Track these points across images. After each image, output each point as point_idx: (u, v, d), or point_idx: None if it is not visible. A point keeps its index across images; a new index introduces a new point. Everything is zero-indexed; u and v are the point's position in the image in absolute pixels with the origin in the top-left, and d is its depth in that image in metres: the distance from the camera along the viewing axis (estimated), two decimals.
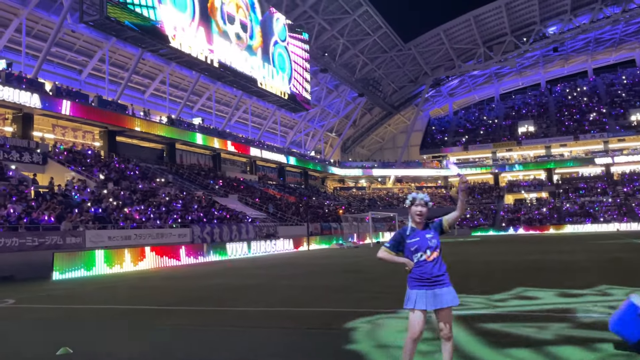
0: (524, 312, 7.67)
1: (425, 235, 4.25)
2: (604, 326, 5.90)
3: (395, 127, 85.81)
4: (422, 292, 4.19)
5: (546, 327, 6.45)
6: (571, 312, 7.49)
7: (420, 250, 4.23)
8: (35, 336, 7.48)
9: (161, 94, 47.07)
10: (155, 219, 26.57)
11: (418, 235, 4.27)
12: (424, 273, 4.21)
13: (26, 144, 29.02)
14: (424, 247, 4.22)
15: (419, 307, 4.17)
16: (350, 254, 27.95)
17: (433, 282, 4.19)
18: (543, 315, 7.35)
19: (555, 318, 7.09)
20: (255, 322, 7.86)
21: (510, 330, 6.44)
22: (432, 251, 4.22)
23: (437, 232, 4.32)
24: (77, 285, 15.20)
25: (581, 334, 6.04)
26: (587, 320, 6.87)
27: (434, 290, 4.18)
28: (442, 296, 4.16)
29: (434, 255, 4.22)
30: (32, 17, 34.10)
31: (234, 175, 48.70)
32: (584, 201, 63.24)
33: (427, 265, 4.22)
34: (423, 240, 4.23)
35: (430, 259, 4.22)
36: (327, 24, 53.44)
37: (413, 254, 4.26)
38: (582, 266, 14.80)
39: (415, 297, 4.21)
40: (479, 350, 5.50)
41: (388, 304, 8.73)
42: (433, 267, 4.21)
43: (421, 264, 4.23)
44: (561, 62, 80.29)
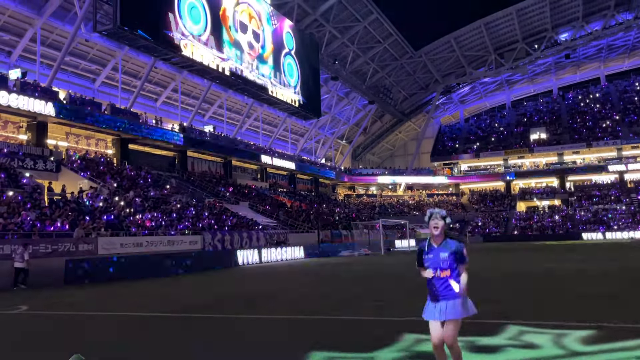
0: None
1: (439, 254, 4.63)
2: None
3: (405, 134, 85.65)
4: (432, 305, 4.66)
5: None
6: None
7: (431, 267, 4.65)
8: (47, 343, 7.53)
9: (173, 102, 47.46)
10: (166, 226, 26.72)
11: (433, 252, 4.67)
12: (432, 287, 4.67)
13: (40, 151, 29.39)
14: (435, 265, 4.63)
15: (426, 317, 4.67)
16: (363, 261, 27.85)
17: (439, 296, 4.61)
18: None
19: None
20: (266, 331, 7.85)
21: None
22: (441, 270, 4.61)
23: (453, 258, 4.62)
24: (89, 292, 15.30)
25: None
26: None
27: (440, 303, 4.60)
28: (446, 309, 4.55)
29: (442, 275, 4.61)
30: (46, 27, 34.63)
31: (244, 182, 48.87)
32: (597, 209, 62.56)
33: (437, 281, 4.63)
34: (436, 259, 4.63)
35: (441, 276, 4.61)
36: (338, 32, 53.62)
37: (427, 268, 4.73)
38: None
39: (426, 307, 4.72)
40: None
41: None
42: (441, 284, 4.61)
43: (431, 279, 4.69)
44: (573, 68, 79.75)
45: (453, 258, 4.59)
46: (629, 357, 5.29)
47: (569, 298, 10.11)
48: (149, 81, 43.15)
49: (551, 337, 6.22)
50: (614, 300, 9.64)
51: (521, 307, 9.15)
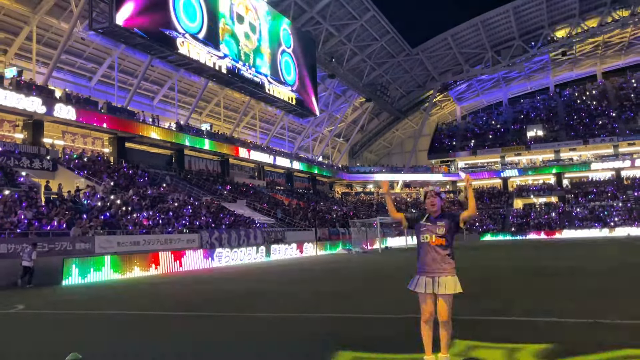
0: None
1: (437, 222, 4.62)
2: None
3: (403, 132, 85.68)
4: (422, 279, 4.60)
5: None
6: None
7: (426, 233, 4.61)
8: (44, 342, 7.51)
9: (170, 100, 47.35)
10: (164, 225, 26.68)
11: (431, 220, 4.67)
12: (425, 259, 4.60)
13: (36, 150, 29.28)
14: (431, 231, 4.60)
15: (418, 290, 4.59)
16: (361, 260, 27.87)
17: (432, 271, 4.56)
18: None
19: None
20: (262, 329, 7.85)
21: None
22: (437, 237, 4.56)
23: (450, 222, 4.60)
24: (86, 291, 15.27)
25: None
26: None
27: (434, 277, 4.55)
28: (440, 284, 4.51)
29: (438, 242, 4.55)
30: (42, 25, 34.47)
31: (242, 180, 48.82)
32: (594, 205, 62.74)
33: (430, 250, 4.57)
34: (432, 226, 4.61)
35: (434, 243, 4.56)
36: (335, 29, 53.57)
37: (420, 234, 4.68)
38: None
39: (416, 280, 4.64)
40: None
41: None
42: (435, 253, 4.55)
43: (424, 245, 4.63)
44: (570, 65, 79.88)
45: (450, 222, 4.57)
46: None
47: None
48: (146, 79, 43.02)
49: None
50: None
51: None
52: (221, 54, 39.30)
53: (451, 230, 4.57)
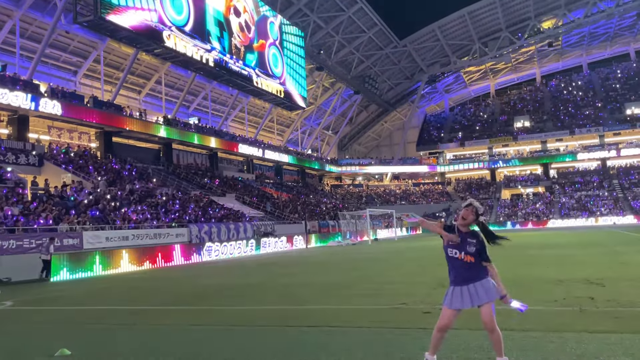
0: None
1: (467, 238, 4.46)
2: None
3: (391, 124, 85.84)
4: (456, 290, 4.46)
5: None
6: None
7: (455, 249, 4.48)
8: (33, 338, 7.47)
9: (157, 94, 46.96)
10: (152, 219, 26.55)
11: (461, 235, 4.49)
12: (456, 271, 4.48)
13: (22, 145, 28.95)
14: (460, 248, 4.46)
15: (452, 306, 4.43)
16: (350, 251, 27.98)
17: (466, 279, 4.43)
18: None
19: None
20: (255, 321, 7.87)
21: None
22: (466, 254, 4.44)
23: (479, 247, 4.45)
24: (75, 287, 15.19)
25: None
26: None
27: (468, 286, 4.42)
28: (476, 295, 4.37)
29: (467, 259, 4.44)
30: (25, 19, 33.96)
31: (231, 174, 48.66)
32: (581, 195, 63.45)
33: (459, 264, 4.47)
34: (463, 243, 4.46)
35: (462, 259, 4.45)
36: (322, 21, 53.39)
37: (449, 248, 4.53)
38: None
39: (450, 295, 4.49)
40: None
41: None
42: (465, 268, 4.44)
43: (452, 260, 4.51)
44: (556, 56, 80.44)
45: (479, 247, 4.43)
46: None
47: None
48: (132, 73, 42.60)
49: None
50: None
51: None
52: (208, 47, 39.02)
53: (477, 251, 4.44)
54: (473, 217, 4.50)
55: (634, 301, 7.54)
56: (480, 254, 4.44)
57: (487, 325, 4.35)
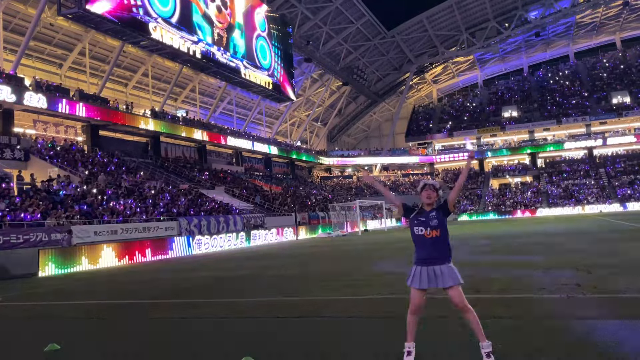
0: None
1: (429, 214, 4.54)
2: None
3: (380, 115, 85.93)
4: (419, 270, 4.49)
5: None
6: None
7: (420, 226, 4.52)
8: (22, 333, 7.43)
9: (144, 87, 46.58)
10: (141, 213, 26.40)
11: (424, 215, 4.56)
12: (422, 250, 4.52)
13: (7, 140, 28.57)
14: (425, 225, 4.50)
15: (414, 285, 4.49)
16: (340, 242, 28.06)
17: (430, 261, 4.46)
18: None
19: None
20: (246, 313, 7.88)
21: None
22: (431, 230, 4.47)
23: (441, 212, 4.54)
24: (63, 282, 15.10)
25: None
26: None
27: (428, 268, 4.46)
28: (441, 276, 4.40)
29: (433, 234, 4.47)
30: (8, 11, 33.45)
31: (220, 167, 48.48)
32: (568, 184, 64.09)
33: (425, 242, 4.49)
34: (426, 220, 4.52)
35: (429, 236, 4.48)
36: (310, 12, 53.13)
37: (414, 227, 4.57)
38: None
39: (412, 274, 4.53)
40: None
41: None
42: (431, 245, 4.47)
43: (419, 238, 4.53)
44: (543, 46, 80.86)
45: (441, 213, 4.50)
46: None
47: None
48: (118, 65, 42.19)
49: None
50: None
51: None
52: (195, 39, 38.69)
53: (443, 220, 4.50)
54: (435, 193, 4.60)
55: (620, 288, 7.65)
56: (443, 208, 4.54)
57: (459, 306, 4.39)
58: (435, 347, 5.01)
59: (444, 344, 5.14)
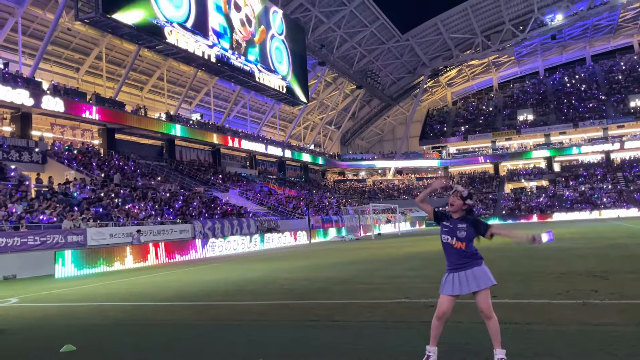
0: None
1: (457, 224, 4.47)
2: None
3: (394, 118, 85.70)
4: (450, 277, 4.46)
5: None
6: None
7: (448, 234, 4.49)
8: (38, 334, 7.52)
9: (159, 91, 47.01)
10: (156, 216, 26.61)
11: (451, 222, 4.51)
12: (449, 258, 4.50)
13: (25, 143, 29.03)
14: (452, 234, 4.46)
15: (446, 292, 4.45)
16: (354, 246, 28.00)
17: (460, 266, 4.44)
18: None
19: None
20: (259, 316, 7.89)
21: None
22: (457, 240, 4.43)
23: (472, 229, 4.43)
24: (79, 283, 15.25)
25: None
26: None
27: (459, 273, 4.42)
28: (473, 280, 4.37)
29: (458, 245, 4.43)
30: (27, 16, 34.00)
31: (234, 170, 48.71)
32: (585, 188, 63.28)
33: (452, 250, 4.47)
34: (454, 228, 4.46)
35: (455, 246, 4.44)
36: (324, 16, 53.23)
37: (442, 234, 4.55)
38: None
39: (444, 281, 4.50)
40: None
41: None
42: (457, 253, 4.44)
43: (446, 245, 4.52)
44: (559, 49, 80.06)
45: (472, 230, 4.40)
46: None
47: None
48: (134, 69, 42.64)
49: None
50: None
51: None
52: (210, 43, 38.97)
53: (472, 236, 4.41)
54: (460, 202, 4.50)
55: (638, 294, 7.52)
56: (477, 231, 4.43)
57: (484, 312, 4.36)
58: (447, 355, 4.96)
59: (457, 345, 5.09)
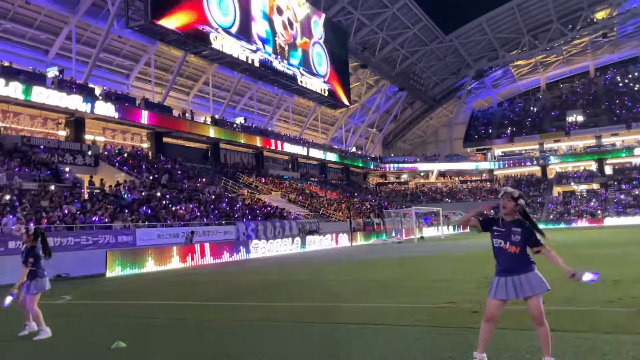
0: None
1: (511, 227, 4.39)
2: None
3: (437, 120, 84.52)
4: (502, 280, 4.37)
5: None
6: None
7: (500, 238, 4.41)
8: (90, 330, 7.83)
9: (205, 95, 48.02)
10: (202, 217, 27.21)
11: (505, 226, 4.42)
12: (501, 262, 4.41)
13: (79, 147, 30.28)
14: (505, 238, 4.38)
15: (498, 297, 4.36)
16: (396, 249, 27.80)
17: (512, 270, 4.36)
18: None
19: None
20: (301, 318, 7.97)
21: None
22: (511, 244, 4.36)
23: (526, 234, 4.36)
24: (129, 282, 15.78)
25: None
26: None
27: (513, 277, 4.34)
28: (528, 284, 4.29)
29: (512, 249, 4.36)
30: (81, 25, 35.42)
31: (276, 172, 49.23)
32: (639, 192, 60.58)
33: (506, 254, 4.39)
34: (507, 232, 4.38)
35: (509, 250, 4.37)
36: (366, 18, 53.14)
37: (494, 238, 4.46)
38: None
39: (495, 285, 4.42)
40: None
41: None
42: (511, 257, 4.37)
43: (499, 250, 4.43)
44: (610, 48, 76.91)
45: (525, 236, 4.33)
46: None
47: None
48: (181, 75, 43.73)
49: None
50: None
51: None
52: (254, 48, 39.56)
53: (524, 241, 4.34)
54: (512, 203, 4.41)
55: None
56: (528, 241, 4.34)
57: (535, 318, 4.28)
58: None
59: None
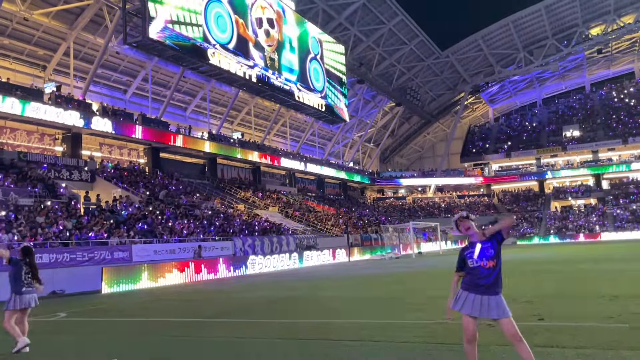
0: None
1: (482, 245, 4.44)
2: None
3: (434, 135, 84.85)
4: (471, 296, 4.38)
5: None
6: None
7: (478, 258, 4.42)
8: (85, 348, 7.72)
9: (202, 110, 48.16)
10: (198, 233, 27.09)
11: (474, 247, 4.48)
12: (476, 279, 4.40)
13: (75, 162, 30.22)
14: (481, 256, 4.41)
15: (465, 311, 4.38)
16: (394, 264, 27.68)
17: (482, 289, 4.37)
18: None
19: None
20: (299, 334, 7.88)
21: None
22: (487, 260, 4.38)
23: (495, 241, 4.43)
24: (125, 299, 15.63)
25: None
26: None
27: (482, 296, 4.35)
28: (489, 307, 4.30)
29: (489, 264, 4.38)
30: (79, 41, 35.59)
31: (273, 187, 49.19)
32: (636, 207, 60.67)
33: (481, 272, 4.38)
34: (481, 251, 4.42)
35: (487, 266, 4.38)
36: (363, 35, 53.56)
37: (468, 260, 4.48)
38: None
39: (462, 299, 4.42)
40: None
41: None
42: (486, 275, 4.37)
43: (473, 270, 4.43)
44: (606, 63, 77.68)
45: (496, 245, 4.39)
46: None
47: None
48: (178, 90, 43.89)
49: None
50: None
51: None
52: (251, 64, 39.74)
53: (499, 249, 4.40)
54: (471, 222, 4.54)
55: None
56: (499, 239, 4.40)
57: (513, 337, 4.27)
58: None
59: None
